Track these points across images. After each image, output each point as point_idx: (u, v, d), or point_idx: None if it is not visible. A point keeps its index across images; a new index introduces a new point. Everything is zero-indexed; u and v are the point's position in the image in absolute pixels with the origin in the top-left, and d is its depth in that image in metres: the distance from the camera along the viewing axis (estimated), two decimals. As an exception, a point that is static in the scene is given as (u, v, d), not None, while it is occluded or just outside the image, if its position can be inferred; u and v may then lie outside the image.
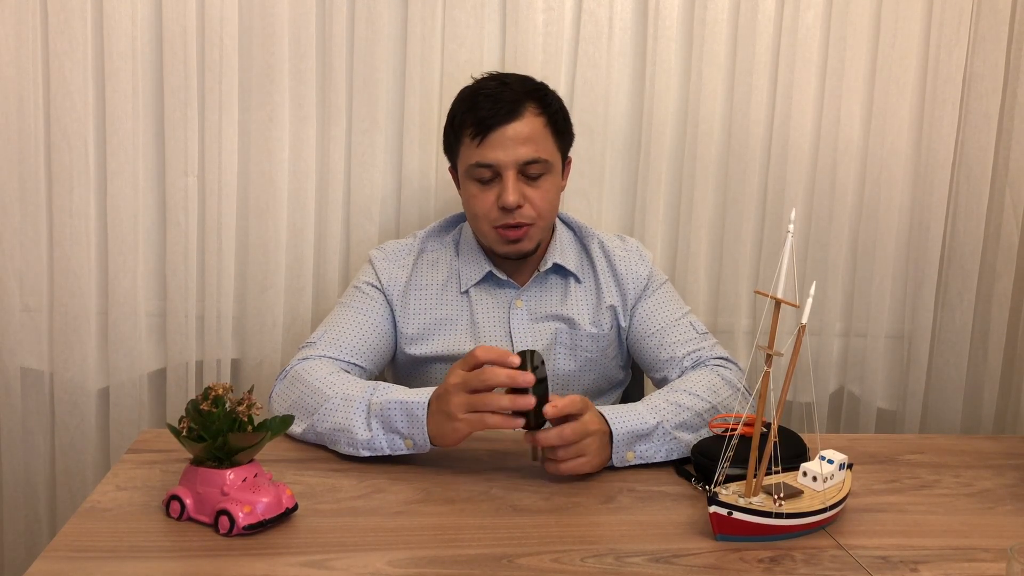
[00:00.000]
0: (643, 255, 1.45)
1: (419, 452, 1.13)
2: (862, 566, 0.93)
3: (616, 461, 1.15)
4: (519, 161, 1.29)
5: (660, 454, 1.17)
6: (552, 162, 1.33)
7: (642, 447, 1.16)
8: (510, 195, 1.28)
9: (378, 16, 1.60)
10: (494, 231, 1.32)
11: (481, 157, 1.29)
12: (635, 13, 1.68)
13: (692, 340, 1.37)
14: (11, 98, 1.54)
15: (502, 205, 1.29)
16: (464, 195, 1.36)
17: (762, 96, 1.70)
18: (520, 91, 1.31)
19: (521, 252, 1.35)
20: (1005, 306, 1.79)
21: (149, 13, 1.56)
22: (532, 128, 1.30)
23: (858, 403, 1.83)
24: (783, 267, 0.93)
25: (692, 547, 0.96)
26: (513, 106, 1.29)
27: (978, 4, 1.70)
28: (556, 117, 1.35)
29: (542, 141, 1.31)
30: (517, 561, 0.91)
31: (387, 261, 1.41)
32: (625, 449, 1.15)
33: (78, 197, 1.58)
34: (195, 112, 1.59)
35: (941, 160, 1.74)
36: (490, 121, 1.28)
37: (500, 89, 1.31)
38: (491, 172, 1.30)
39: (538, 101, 1.32)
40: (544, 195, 1.32)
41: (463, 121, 1.32)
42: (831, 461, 1.03)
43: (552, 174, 1.33)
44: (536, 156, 1.30)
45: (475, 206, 1.33)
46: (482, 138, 1.29)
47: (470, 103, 1.32)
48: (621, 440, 1.14)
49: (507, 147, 1.28)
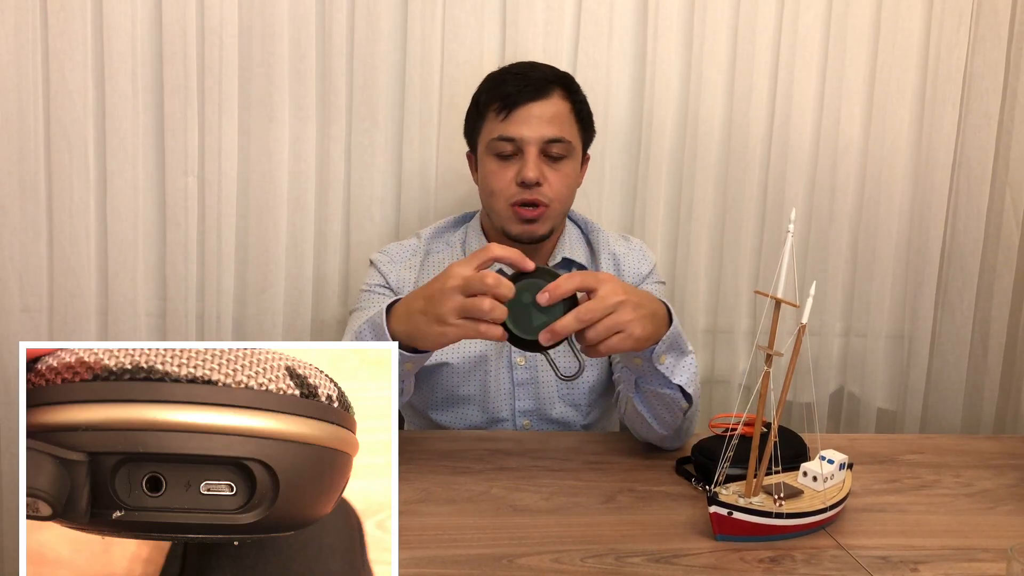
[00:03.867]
0: (646, 255, 1.45)
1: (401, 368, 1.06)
2: (862, 566, 0.93)
3: (656, 351, 1.05)
4: (543, 139, 1.28)
5: (679, 378, 1.10)
6: (575, 146, 1.33)
7: (672, 358, 1.08)
8: (531, 170, 1.27)
9: (378, 16, 1.60)
10: (509, 208, 1.30)
11: (504, 131, 1.29)
12: (635, 13, 1.68)
13: None
14: (11, 98, 1.54)
15: (522, 180, 1.28)
16: (482, 172, 1.35)
17: (762, 96, 1.70)
18: (550, 75, 1.33)
19: (534, 235, 1.32)
20: (1005, 306, 1.79)
21: (149, 13, 1.56)
22: (558, 109, 1.31)
23: (858, 403, 1.83)
24: (783, 267, 0.93)
25: (692, 547, 0.96)
26: (541, 85, 1.30)
27: (978, 4, 1.70)
28: (582, 107, 1.35)
29: (567, 124, 1.31)
30: (517, 561, 0.91)
31: (392, 263, 1.39)
32: (668, 347, 1.06)
33: (78, 197, 1.58)
34: (195, 112, 1.58)
35: (941, 160, 1.74)
36: (517, 96, 1.29)
37: (529, 69, 1.33)
38: (513, 147, 1.29)
39: (566, 88, 1.33)
40: (563, 179, 1.31)
41: (489, 98, 1.32)
42: (831, 461, 1.03)
43: (572, 159, 1.33)
44: (560, 135, 1.30)
45: (493, 182, 1.31)
46: (508, 112, 1.29)
47: (498, 81, 1.33)
48: (673, 334, 1.05)
49: (532, 124, 1.28)
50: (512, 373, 1.35)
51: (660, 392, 1.12)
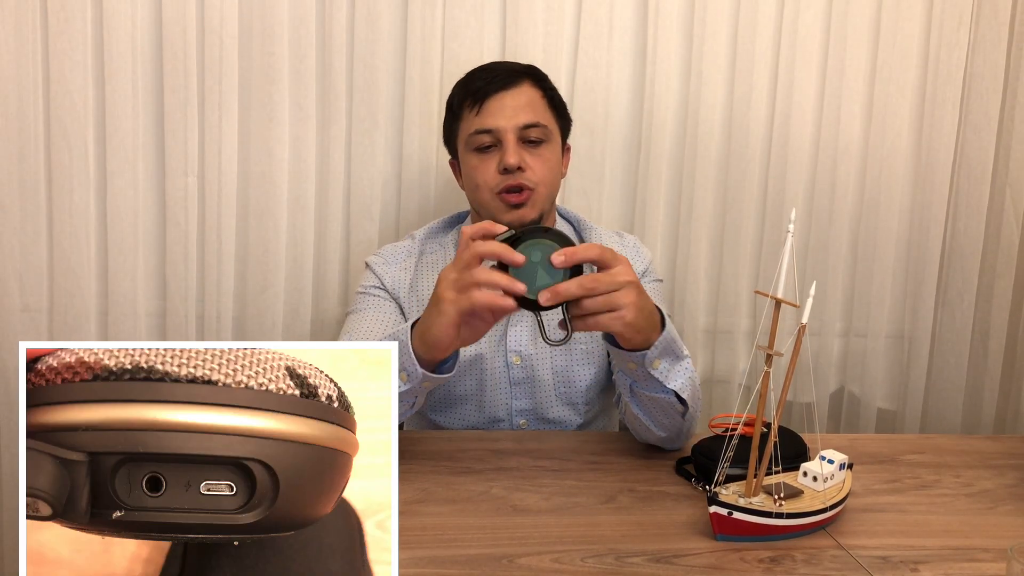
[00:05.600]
0: (640, 252, 1.44)
1: (418, 384, 1.07)
2: (862, 566, 0.93)
3: (648, 356, 1.04)
4: (519, 125, 1.30)
5: (674, 383, 1.09)
6: (552, 131, 1.34)
7: (667, 363, 1.07)
8: (511, 155, 1.28)
9: (378, 16, 1.60)
10: (496, 198, 1.31)
11: (480, 124, 1.30)
12: (635, 13, 1.68)
13: None
14: (11, 98, 1.54)
15: (504, 166, 1.28)
16: (465, 170, 1.36)
17: (762, 96, 1.70)
18: (517, 67, 1.36)
19: (524, 220, 1.31)
20: (1005, 306, 1.79)
21: (149, 13, 1.56)
22: (529, 97, 1.33)
23: (858, 403, 1.83)
24: (783, 267, 0.93)
25: (692, 547, 0.96)
26: (510, 76, 1.33)
27: (978, 4, 1.70)
28: (553, 94, 1.38)
29: (540, 110, 1.33)
30: (517, 561, 0.91)
31: (387, 265, 1.40)
32: (661, 352, 1.05)
33: (78, 197, 1.58)
34: (195, 112, 1.59)
35: (941, 160, 1.74)
36: (487, 88, 1.31)
37: (496, 64, 1.37)
38: (491, 138, 1.30)
39: (534, 77, 1.36)
40: (545, 163, 1.32)
41: (461, 97, 1.34)
42: (831, 461, 1.03)
43: (552, 143, 1.34)
44: (535, 120, 1.31)
45: (476, 176, 1.32)
46: (480, 105, 1.31)
47: (466, 80, 1.36)
48: (667, 338, 1.04)
49: (506, 113, 1.30)
50: (509, 372, 1.36)
51: (655, 396, 1.11)
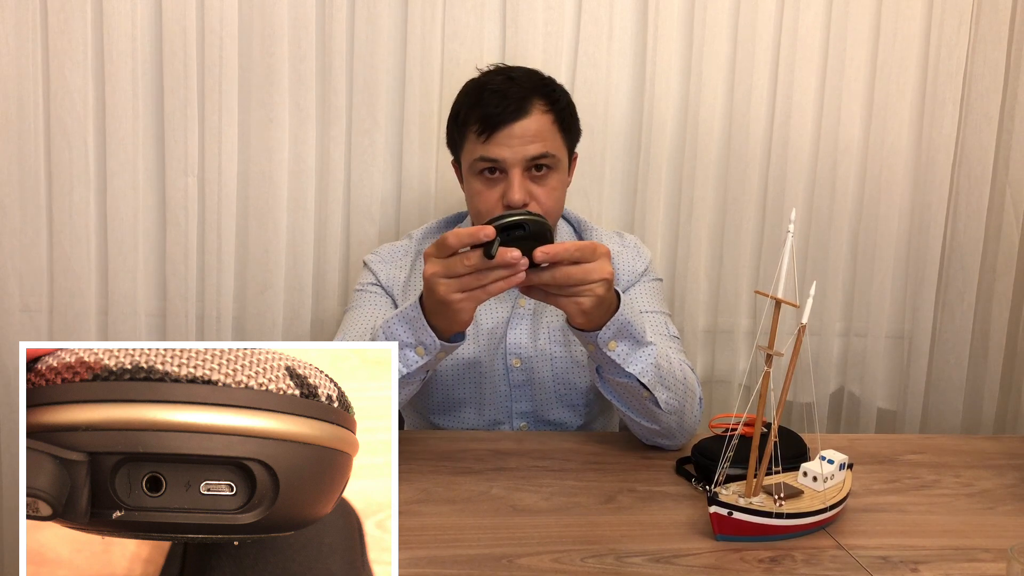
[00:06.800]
0: (640, 252, 1.44)
1: (434, 356, 1.09)
2: (862, 566, 0.93)
3: (601, 337, 1.08)
4: (526, 158, 1.26)
5: (633, 367, 1.11)
6: (559, 158, 1.31)
7: (625, 347, 1.10)
8: (516, 193, 1.25)
9: (378, 16, 1.60)
10: None
11: (486, 152, 1.27)
12: (635, 13, 1.68)
13: (661, 337, 1.31)
14: (11, 98, 1.54)
15: (508, 204, 1.26)
16: (468, 191, 1.34)
17: (762, 96, 1.70)
18: (527, 87, 1.29)
19: None
20: (1005, 306, 1.79)
21: (149, 13, 1.56)
22: (540, 125, 1.27)
23: (858, 403, 1.83)
24: (783, 267, 0.93)
25: (692, 547, 0.96)
26: (520, 103, 1.26)
27: (978, 4, 1.70)
28: (564, 113, 1.32)
29: (550, 138, 1.29)
30: (517, 561, 0.91)
31: (384, 263, 1.40)
32: (615, 333, 1.09)
33: (78, 197, 1.58)
34: (195, 112, 1.59)
35: (941, 160, 1.74)
36: (497, 119, 1.25)
37: (507, 85, 1.28)
38: (496, 167, 1.28)
39: (546, 97, 1.29)
40: (550, 193, 1.30)
41: (468, 117, 1.29)
42: (831, 461, 1.03)
43: (559, 170, 1.31)
44: (544, 151, 1.27)
45: (479, 203, 1.30)
46: (488, 135, 1.26)
47: (475, 98, 1.29)
48: (619, 321, 1.08)
49: (514, 145, 1.26)
50: (509, 375, 1.36)
51: (620, 382, 1.14)
